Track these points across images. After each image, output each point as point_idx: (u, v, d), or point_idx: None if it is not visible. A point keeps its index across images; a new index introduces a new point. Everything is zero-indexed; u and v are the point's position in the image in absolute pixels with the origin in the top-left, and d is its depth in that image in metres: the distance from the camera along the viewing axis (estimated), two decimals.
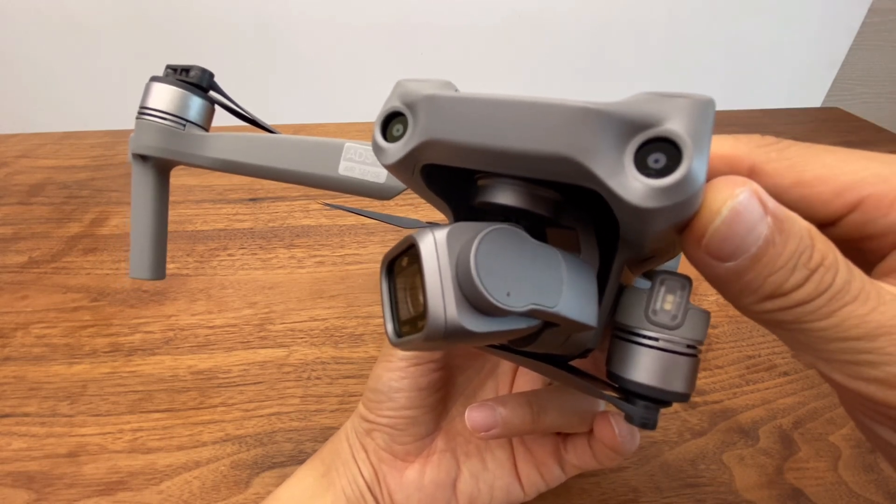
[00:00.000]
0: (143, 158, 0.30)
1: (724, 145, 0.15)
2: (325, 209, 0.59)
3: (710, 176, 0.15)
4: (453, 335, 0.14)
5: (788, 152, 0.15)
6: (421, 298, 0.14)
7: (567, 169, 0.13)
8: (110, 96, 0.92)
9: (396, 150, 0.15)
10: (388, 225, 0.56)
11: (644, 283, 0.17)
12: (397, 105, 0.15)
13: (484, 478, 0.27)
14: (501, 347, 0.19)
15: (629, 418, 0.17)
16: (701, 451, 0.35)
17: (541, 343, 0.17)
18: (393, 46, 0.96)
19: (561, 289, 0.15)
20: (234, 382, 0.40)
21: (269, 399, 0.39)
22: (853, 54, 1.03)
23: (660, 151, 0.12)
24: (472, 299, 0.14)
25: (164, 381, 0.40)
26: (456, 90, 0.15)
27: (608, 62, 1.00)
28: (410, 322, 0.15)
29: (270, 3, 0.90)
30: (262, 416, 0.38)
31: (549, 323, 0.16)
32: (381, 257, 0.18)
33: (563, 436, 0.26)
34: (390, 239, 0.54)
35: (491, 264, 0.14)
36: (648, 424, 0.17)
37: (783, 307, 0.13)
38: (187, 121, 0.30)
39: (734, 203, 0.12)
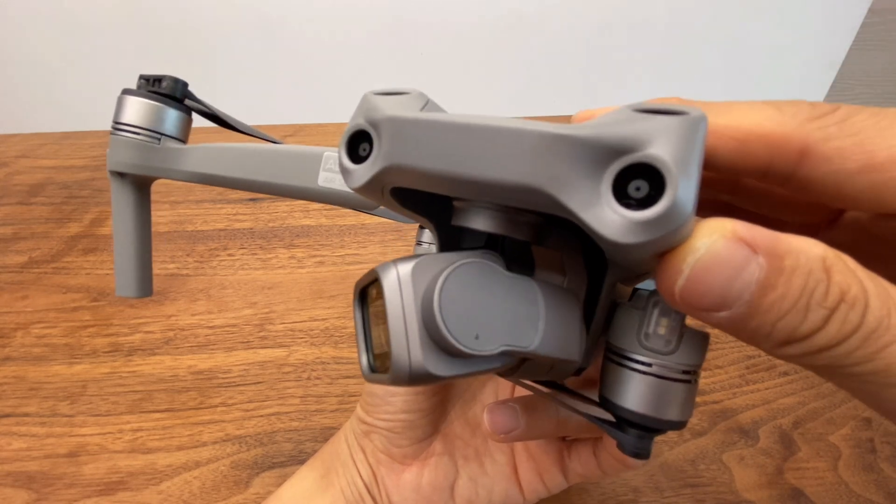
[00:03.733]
0: (120, 175, 0.29)
1: (763, 119, 0.12)
2: (327, 208, 0.59)
3: (749, 162, 0.13)
4: (419, 380, 0.13)
5: (851, 125, 0.12)
6: None
7: (537, 199, 0.12)
8: (110, 96, 0.92)
9: (362, 172, 0.14)
10: (388, 225, 0.56)
11: (648, 287, 0.17)
12: (362, 123, 0.14)
13: (483, 482, 0.26)
14: None
15: (621, 447, 0.16)
16: (701, 451, 0.35)
17: (523, 373, 0.16)
18: (393, 46, 0.96)
19: (537, 326, 0.14)
20: (234, 382, 0.40)
21: (269, 399, 0.39)
22: (853, 54, 1.02)
23: (641, 179, 0.11)
24: (439, 342, 0.13)
25: (164, 381, 0.40)
26: (426, 104, 0.14)
27: (608, 62, 1.00)
28: (383, 357, 0.14)
29: (271, 3, 0.90)
30: (262, 416, 0.38)
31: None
32: (381, 258, 0.17)
33: (567, 443, 0.26)
34: (390, 239, 0.54)
35: (457, 305, 0.13)
36: (641, 454, 0.16)
37: (808, 352, 0.11)
38: (162, 134, 0.29)
39: (697, 258, 0.11)
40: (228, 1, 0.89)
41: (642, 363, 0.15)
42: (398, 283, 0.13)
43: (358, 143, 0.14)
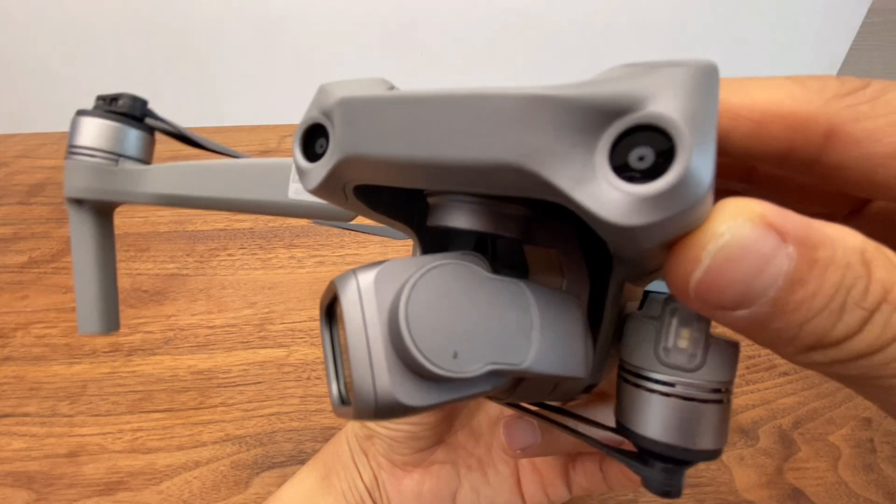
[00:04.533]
0: (78, 202, 0.27)
1: (783, 96, 0.11)
2: None
3: (767, 145, 0.11)
4: (388, 412, 0.11)
5: (885, 104, 0.10)
6: None
7: (519, 180, 0.10)
8: None
9: (318, 171, 0.12)
10: None
11: (661, 289, 0.14)
12: (316, 115, 0.12)
13: (485, 492, 0.26)
14: None
15: (647, 485, 0.13)
16: None
17: (521, 394, 0.14)
18: (393, 46, 0.96)
19: (530, 337, 0.12)
20: (234, 382, 0.40)
21: (269, 399, 0.39)
22: (853, 54, 1.02)
23: (645, 144, 0.09)
24: (410, 364, 0.11)
25: (164, 381, 0.40)
26: (389, 89, 0.12)
27: (608, 62, 1.00)
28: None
29: (271, 3, 0.90)
30: (262, 416, 0.38)
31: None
32: (381, 257, 0.16)
33: (572, 455, 0.26)
34: (390, 240, 0.54)
35: (429, 317, 0.11)
36: (672, 493, 0.13)
37: (839, 360, 0.09)
38: (120, 155, 0.27)
39: (720, 245, 0.09)
40: (228, 1, 0.89)
41: (663, 383, 0.12)
42: (359, 295, 0.11)
43: (314, 140, 0.12)
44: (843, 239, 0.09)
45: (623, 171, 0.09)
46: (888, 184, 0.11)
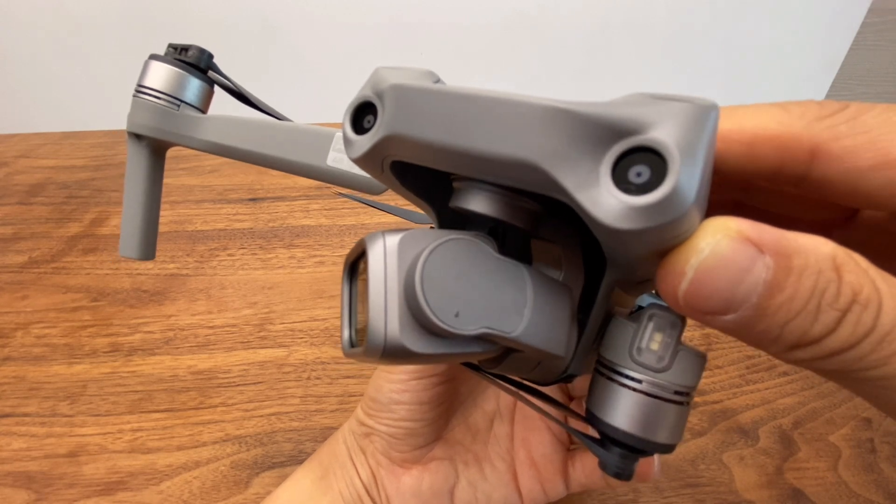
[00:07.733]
0: (137, 137, 0.30)
1: (769, 120, 0.12)
2: (327, 208, 0.59)
3: (758, 165, 0.12)
4: (394, 354, 0.12)
5: (862, 123, 0.11)
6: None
7: (534, 177, 0.11)
8: (110, 96, 0.92)
9: (363, 142, 0.14)
10: (388, 227, 0.56)
11: (647, 301, 0.16)
12: (368, 94, 0.14)
13: (482, 487, 0.26)
14: (468, 365, 0.17)
15: (602, 465, 0.15)
16: (701, 451, 0.35)
17: (507, 366, 0.16)
18: (393, 46, 0.96)
19: (523, 312, 0.13)
20: (234, 382, 0.40)
21: (269, 399, 0.39)
22: (853, 54, 1.02)
23: (643, 164, 0.10)
24: (419, 317, 0.12)
25: (164, 381, 0.40)
26: (435, 81, 0.14)
27: (608, 62, 1.00)
28: (364, 332, 0.14)
29: (272, 3, 0.90)
30: (262, 416, 0.38)
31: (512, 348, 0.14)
32: None
33: (571, 452, 0.26)
34: None
35: (440, 279, 0.12)
36: (623, 475, 0.15)
37: (819, 356, 0.11)
38: (182, 101, 0.29)
39: (701, 259, 0.10)
40: (228, 1, 0.89)
41: (632, 379, 0.14)
42: (384, 253, 0.13)
43: (363, 115, 0.14)
44: (815, 247, 0.10)
45: (621, 182, 0.10)
46: (871, 194, 0.12)
